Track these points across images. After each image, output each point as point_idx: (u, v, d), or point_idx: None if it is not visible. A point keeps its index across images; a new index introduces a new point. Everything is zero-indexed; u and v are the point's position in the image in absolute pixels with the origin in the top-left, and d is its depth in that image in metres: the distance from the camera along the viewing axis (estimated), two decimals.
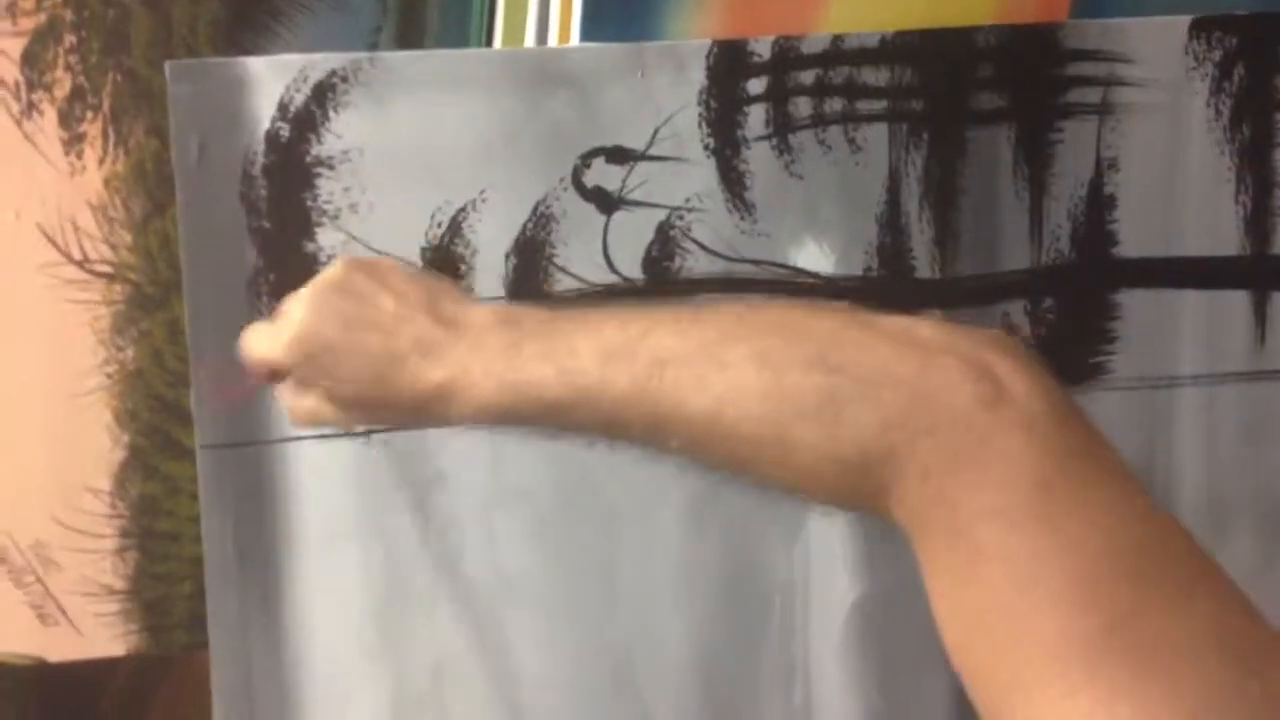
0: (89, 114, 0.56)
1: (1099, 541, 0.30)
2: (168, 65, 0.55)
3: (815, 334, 0.35)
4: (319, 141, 0.56)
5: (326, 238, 0.57)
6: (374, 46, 0.57)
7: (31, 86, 0.56)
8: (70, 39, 0.56)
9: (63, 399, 0.57)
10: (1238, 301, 0.64)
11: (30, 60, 0.55)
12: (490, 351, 0.39)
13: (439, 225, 0.57)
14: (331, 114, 0.56)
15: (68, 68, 0.56)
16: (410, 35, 0.58)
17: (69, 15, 0.55)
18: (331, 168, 0.56)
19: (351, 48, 0.57)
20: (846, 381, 0.34)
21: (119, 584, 0.58)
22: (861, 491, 0.34)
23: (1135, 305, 0.63)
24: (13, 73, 0.55)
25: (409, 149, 0.57)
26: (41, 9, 0.55)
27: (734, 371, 0.35)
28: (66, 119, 0.56)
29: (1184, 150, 0.63)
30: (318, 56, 0.56)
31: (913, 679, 0.61)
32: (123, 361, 0.57)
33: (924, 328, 0.35)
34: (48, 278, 0.56)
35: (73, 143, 0.56)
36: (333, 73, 0.56)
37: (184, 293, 0.56)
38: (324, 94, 0.56)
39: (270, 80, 0.56)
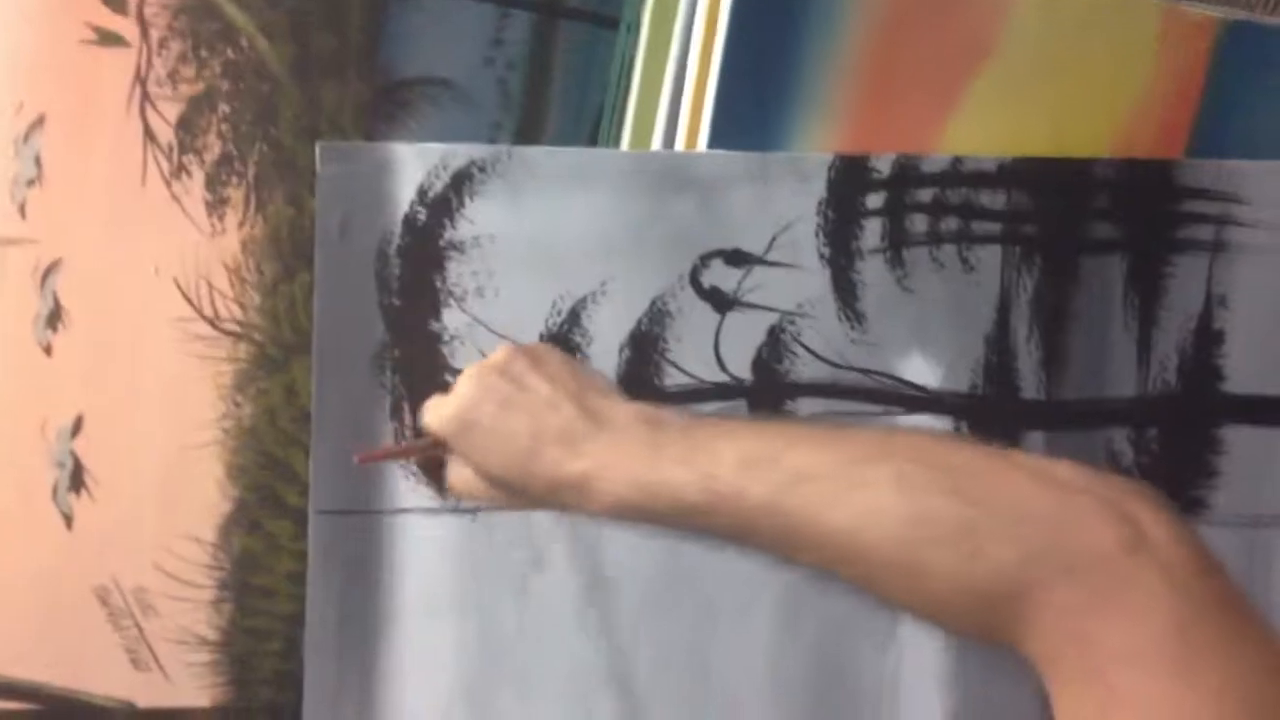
0: (234, 179, 0.59)
1: (1238, 694, 0.31)
2: (319, 146, 0.58)
3: (955, 463, 0.36)
4: (453, 226, 0.58)
5: (452, 319, 0.58)
6: (493, 141, 0.60)
7: (184, 149, 0.58)
8: (224, 108, 0.58)
9: (178, 449, 0.59)
10: None
11: (185, 125, 0.58)
12: (631, 449, 0.41)
13: (559, 313, 0.59)
14: (467, 201, 0.58)
15: (219, 135, 0.58)
16: (529, 133, 0.60)
17: (225, 86, 0.58)
18: (463, 252, 0.58)
19: (472, 141, 0.59)
20: (986, 514, 0.35)
21: (212, 635, 0.60)
22: (993, 624, 0.35)
23: (1240, 441, 0.63)
24: (168, 135, 0.58)
25: (537, 239, 0.59)
26: (200, 78, 0.58)
27: (873, 491, 0.36)
28: (213, 182, 0.58)
29: None
30: (460, 147, 0.58)
31: None
32: (239, 418, 0.59)
33: (1062, 468, 0.36)
34: (178, 331, 0.59)
35: (216, 205, 0.59)
36: (472, 162, 0.58)
37: (313, 360, 0.58)
38: (461, 182, 0.58)
39: (413, 165, 0.58)
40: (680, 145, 0.61)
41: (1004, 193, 0.61)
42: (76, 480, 0.58)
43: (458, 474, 0.48)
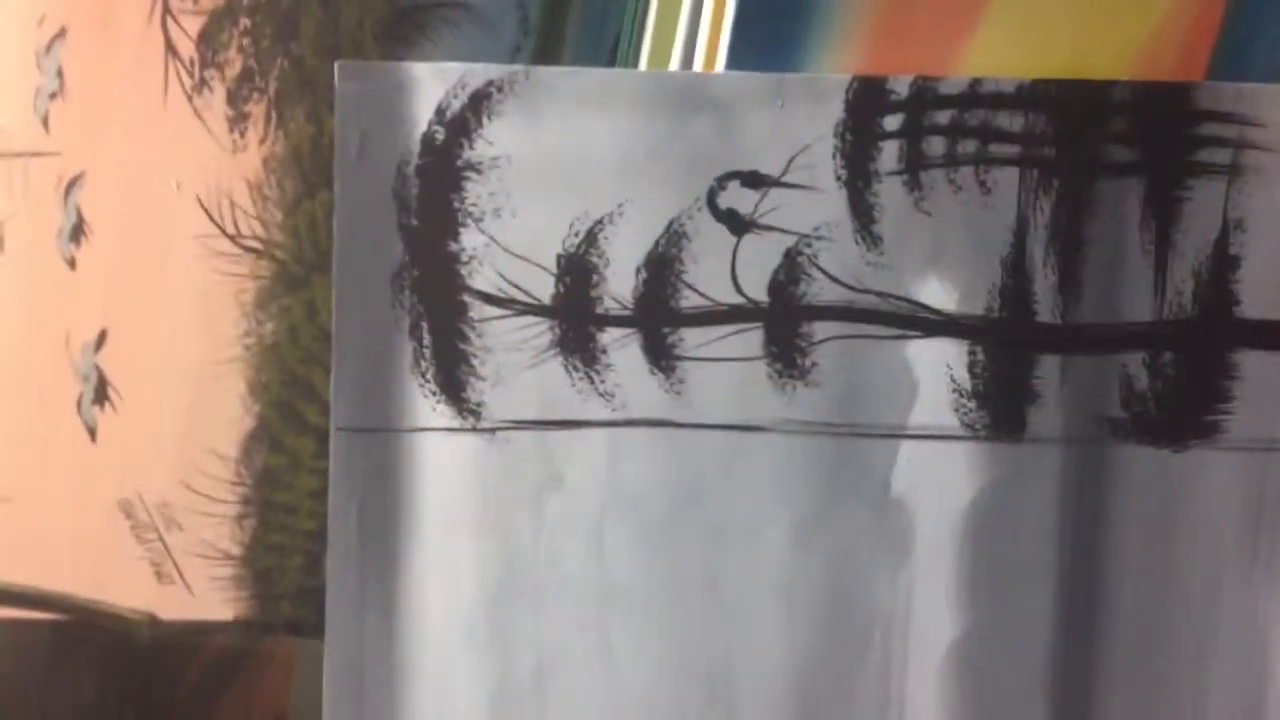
0: (255, 95, 0.59)
1: None
2: (337, 65, 0.58)
3: None
4: (470, 147, 0.59)
5: (470, 239, 0.59)
6: (512, 64, 0.60)
7: (205, 64, 0.59)
8: (245, 22, 0.59)
9: (202, 365, 0.59)
10: None
11: (206, 39, 0.59)
12: None
13: (576, 234, 0.59)
14: (485, 121, 0.59)
15: (240, 49, 0.59)
16: (547, 55, 0.60)
17: (245, 0, 0.59)
18: (480, 172, 0.59)
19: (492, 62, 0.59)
20: None
21: (235, 550, 0.60)
22: None
23: (1254, 366, 0.63)
24: (189, 50, 0.58)
25: (554, 160, 0.59)
26: None
27: None
28: (234, 98, 0.59)
29: None
30: (478, 66, 0.58)
31: None
32: (261, 335, 0.60)
33: None
34: (201, 248, 0.59)
35: (237, 121, 0.59)
36: (490, 82, 0.58)
37: (333, 279, 0.58)
38: (480, 102, 0.58)
39: (431, 85, 0.58)
40: (698, 67, 0.61)
41: (1022, 115, 0.61)
42: (100, 394, 0.59)
43: None
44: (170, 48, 0.58)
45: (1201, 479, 0.63)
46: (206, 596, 0.60)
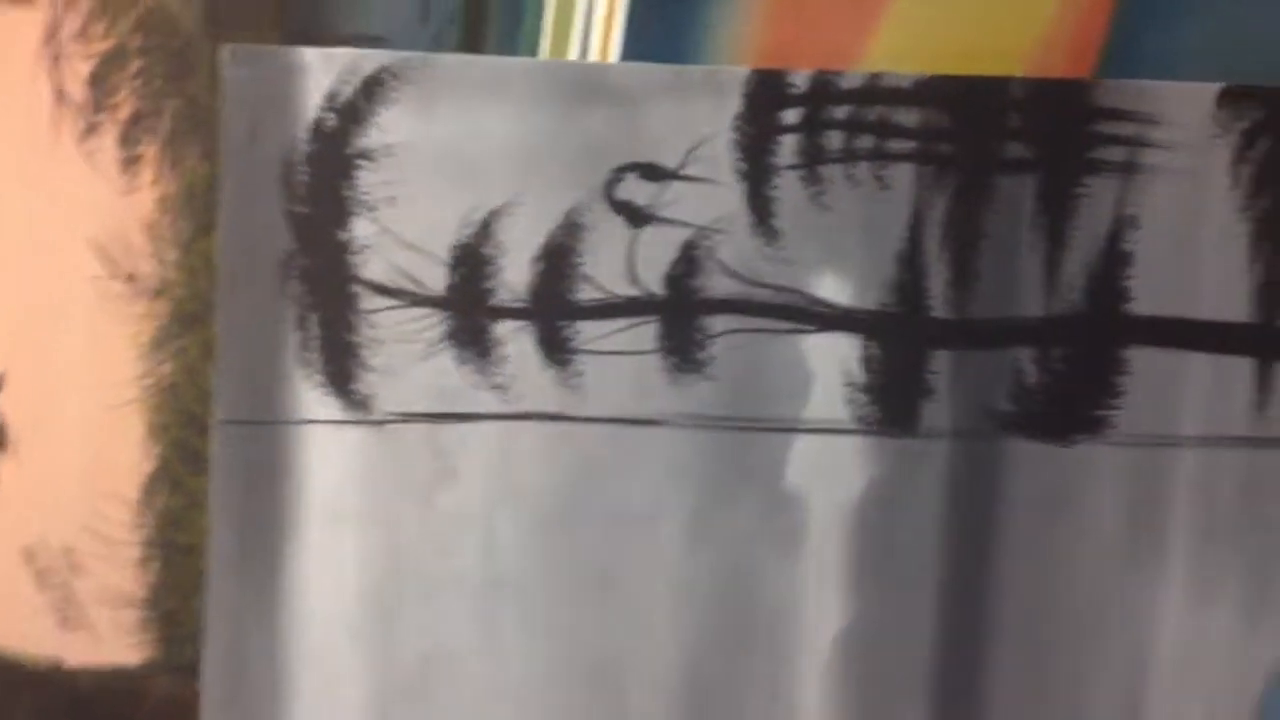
0: (147, 136, 0.58)
1: None
2: (225, 48, 0.56)
3: None
4: (363, 134, 0.58)
5: (361, 228, 0.58)
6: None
7: (96, 108, 0.57)
8: (137, 64, 0.57)
9: (102, 408, 0.59)
10: (1242, 368, 0.65)
11: (96, 82, 0.57)
12: None
13: (471, 225, 0.59)
14: (378, 108, 0.57)
15: (131, 91, 0.58)
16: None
17: (137, 41, 0.57)
18: (373, 160, 0.58)
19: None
20: None
21: (140, 593, 0.60)
22: None
23: (1143, 362, 0.64)
24: (79, 93, 0.57)
25: (449, 149, 0.58)
26: (111, 35, 0.57)
27: None
28: (126, 140, 0.58)
29: (1202, 215, 0.64)
30: (371, 52, 0.57)
31: (894, 711, 0.63)
32: (159, 376, 0.59)
33: None
34: (96, 290, 0.58)
35: (130, 163, 0.58)
36: (383, 68, 0.57)
37: (218, 267, 0.57)
38: (373, 89, 0.57)
39: (322, 71, 0.57)
40: (593, 56, 0.60)
41: (919, 111, 0.61)
42: (1, 440, 0.58)
43: None
44: (60, 92, 0.57)
45: (1089, 474, 0.64)
46: (113, 641, 0.60)
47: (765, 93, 0.60)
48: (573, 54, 0.60)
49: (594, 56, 0.60)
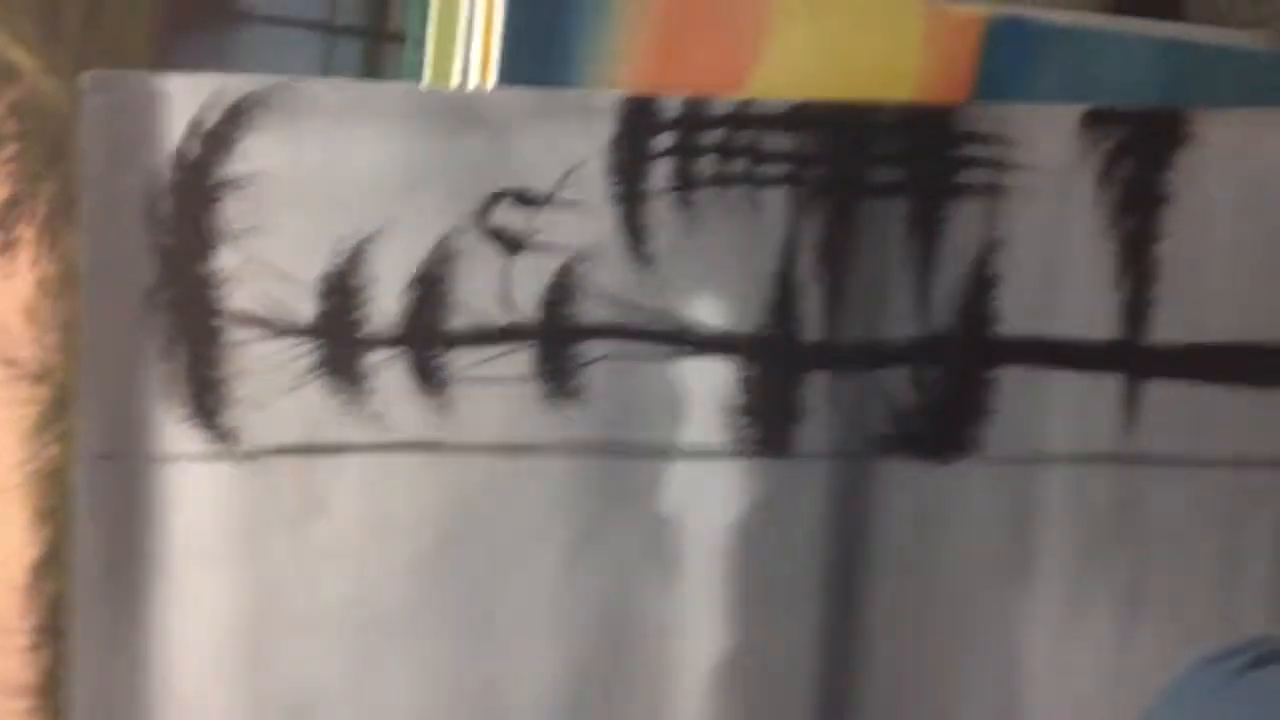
0: (25, 219, 0.57)
1: None
2: (84, 76, 0.55)
3: None
4: (228, 162, 0.57)
5: (227, 257, 0.57)
6: None
7: None
8: (11, 148, 0.56)
9: None
10: (1110, 385, 0.67)
11: None
12: None
13: (341, 253, 0.58)
14: (244, 135, 0.57)
15: (7, 175, 0.57)
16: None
17: (11, 127, 0.56)
18: (238, 189, 0.57)
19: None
20: None
21: (30, 681, 0.58)
22: None
23: (1013, 381, 0.65)
24: None
25: (318, 176, 0.57)
26: None
27: None
28: (3, 224, 0.57)
29: (1068, 237, 0.66)
30: (235, 78, 0.57)
31: None
32: (44, 460, 0.58)
33: None
34: None
35: (7, 247, 0.57)
36: (249, 95, 0.57)
37: (82, 302, 0.56)
38: (237, 115, 0.57)
39: (185, 98, 0.56)
40: (473, 82, 0.60)
41: (791, 136, 0.62)
42: None
43: None
44: None
45: (964, 493, 0.65)
46: None
47: (637, 118, 0.60)
48: (455, 79, 0.60)
49: (474, 83, 0.60)
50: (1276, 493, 0.71)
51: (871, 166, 0.63)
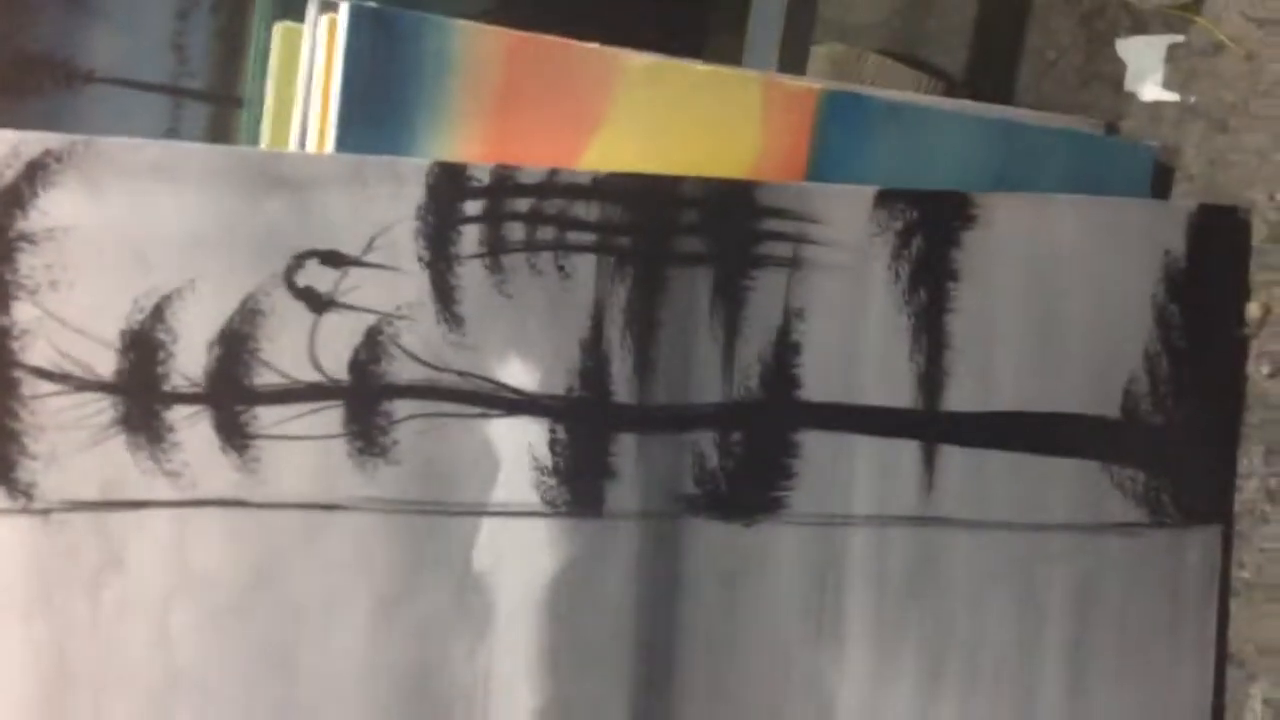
0: None
1: None
2: None
3: None
4: (24, 216, 0.56)
5: (22, 312, 0.56)
6: None
7: None
8: None
9: None
10: (908, 450, 0.70)
11: None
12: None
13: (142, 310, 0.57)
14: (40, 191, 0.56)
15: None
16: None
17: None
18: (34, 243, 0.56)
19: None
20: None
21: None
22: None
23: (815, 446, 0.68)
24: None
25: (118, 232, 0.57)
26: None
27: None
28: None
29: (865, 308, 0.69)
30: (33, 135, 0.56)
31: None
32: None
33: None
34: None
35: None
36: (46, 151, 0.56)
37: None
38: (35, 171, 0.56)
39: None
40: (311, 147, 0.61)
41: (598, 205, 0.64)
42: None
43: None
44: None
45: (769, 552, 0.67)
46: None
47: (447, 184, 0.62)
48: (292, 141, 0.61)
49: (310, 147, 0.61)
50: (1072, 556, 0.75)
51: (676, 237, 0.66)
